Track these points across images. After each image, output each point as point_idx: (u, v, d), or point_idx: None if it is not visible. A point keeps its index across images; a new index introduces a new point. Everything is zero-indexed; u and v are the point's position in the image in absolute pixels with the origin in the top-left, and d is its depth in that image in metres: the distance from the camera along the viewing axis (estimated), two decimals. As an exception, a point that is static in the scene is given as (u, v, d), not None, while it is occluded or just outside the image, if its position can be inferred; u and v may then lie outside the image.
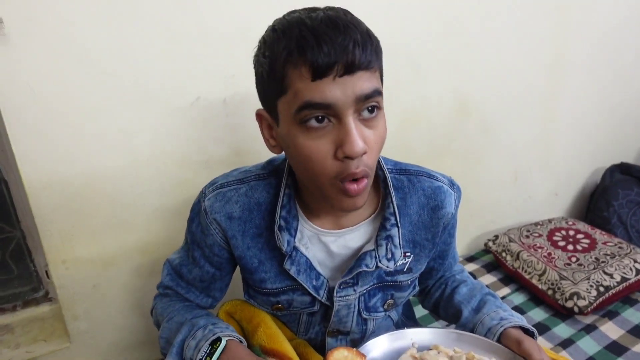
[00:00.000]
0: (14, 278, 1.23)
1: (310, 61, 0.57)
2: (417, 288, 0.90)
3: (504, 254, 1.59)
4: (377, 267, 0.76)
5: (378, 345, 0.76)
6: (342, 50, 0.57)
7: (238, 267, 0.84)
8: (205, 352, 0.70)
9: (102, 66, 0.96)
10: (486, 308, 0.84)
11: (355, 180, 0.63)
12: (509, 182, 1.78)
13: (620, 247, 1.53)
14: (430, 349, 0.76)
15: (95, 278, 1.13)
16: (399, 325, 1.00)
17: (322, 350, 0.88)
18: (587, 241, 1.59)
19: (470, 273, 1.54)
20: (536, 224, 1.74)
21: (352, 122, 0.60)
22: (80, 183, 1.03)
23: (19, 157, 0.96)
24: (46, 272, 1.21)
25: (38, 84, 0.92)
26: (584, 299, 1.32)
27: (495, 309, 0.83)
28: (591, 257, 1.50)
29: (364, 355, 0.70)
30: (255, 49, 0.66)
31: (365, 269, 0.75)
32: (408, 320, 1.06)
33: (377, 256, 0.76)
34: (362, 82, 0.59)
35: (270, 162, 0.81)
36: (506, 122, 1.64)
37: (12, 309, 1.24)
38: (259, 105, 0.71)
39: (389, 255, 0.76)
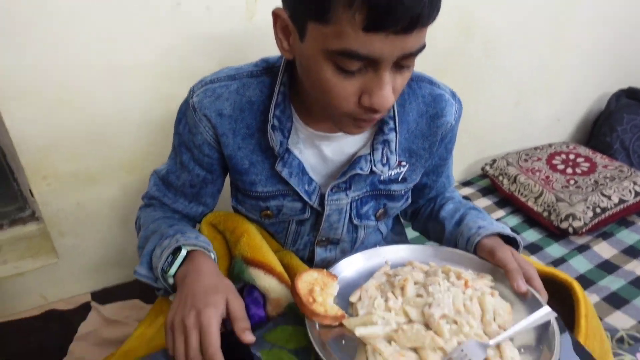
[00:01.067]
0: (-1, 197, 1.21)
1: (371, 10, 0.48)
2: (410, 200, 0.87)
3: (500, 178, 1.56)
4: (371, 171, 0.73)
5: (351, 264, 0.74)
6: (412, 7, 0.48)
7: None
8: (166, 261, 0.67)
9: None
10: (466, 219, 0.81)
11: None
12: (511, 106, 1.72)
13: (620, 171, 1.49)
14: (405, 266, 0.74)
15: (80, 195, 1.10)
16: (387, 241, 0.98)
17: (310, 263, 0.87)
18: (587, 164, 1.55)
19: (465, 197, 1.52)
20: (536, 148, 1.70)
21: (388, 74, 0.55)
22: (55, 96, 0.97)
23: (-14, 67, 0.90)
24: (30, 191, 1.19)
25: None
26: (580, 219, 1.31)
27: (474, 219, 0.80)
28: (590, 180, 1.46)
29: (334, 276, 0.68)
30: None
31: (359, 171, 0.72)
32: (399, 236, 1.04)
33: (372, 160, 0.72)
34: (414, 40, 0.53)
35: (264, 59, 0.74)
36: (511, 44, 1.55)
37: (-1, 227, 1.23)
38: (243, 16, 0.63)
39: (384, 161, 0.73)
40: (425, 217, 0.93)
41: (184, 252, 0.68)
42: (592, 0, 1.64)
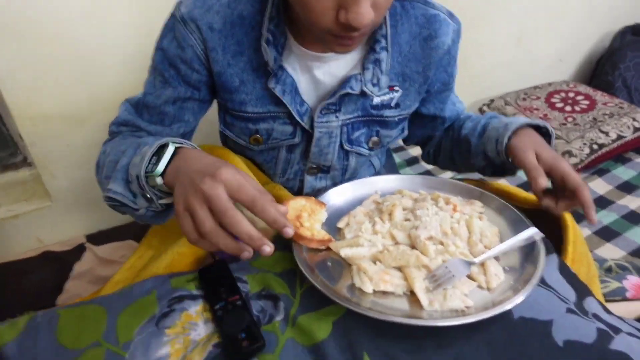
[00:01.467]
0: (-11, 143, 1.20)
1: None
2: (406, 132, 0.84)
3: (498, 118, 1.53)
4: (362, 92, 0.71)
5: (340, 193, 0.74)
6: None
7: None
8: (150, 162, 0.58)
9: None
10: (491, 124, 0.77)
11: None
12: (512, 44, 1.67)
13: (620, 107, 1.46)
14: (394, 194, 0.74)
15: (69, 136, 1.09)
16: (380, 175, 0.97)
17: (300, 193, 0.86)
18: (587, 102, 1.52)
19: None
20: (535, 87, 1.66)
21: None
22: (35, 30, 0.94)
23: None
24: (19, 135, 1.17)
25: None
26: (576, 156, 1.29)
27: (499, 120, 0.77)
28: (588, 117, 1.44)
29: (323, 204, 0.68)
30: None
31: (349, 90, 0.70)
32: (390, 172, 1.03)
33: (363, 80, 0.70)
34: None
35: None
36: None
37: (-9, 173, 1.22)
38: None
39: (375, 81, 0.71)
40: (448, 147, 0.88)
41: (171, 148, 0.59)
42: None
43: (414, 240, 0.61)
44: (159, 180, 0.57)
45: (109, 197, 0.62)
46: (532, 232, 0.62)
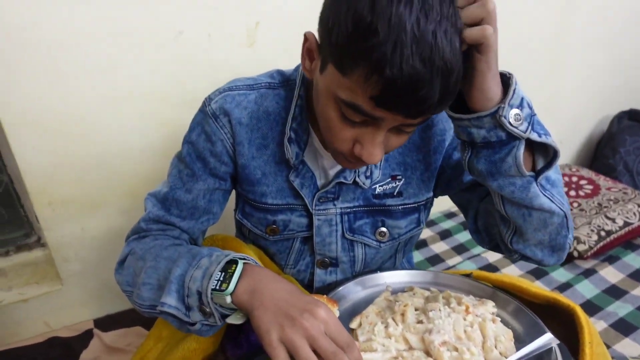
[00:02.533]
0: (5, 223, 1.22)
1: (384, 91, 0.49)
2: (422, 225, 0.83)
3: (504, 201, 1.55)
4: (354, 182, 0.73)
5: (351, 289, 0.74)
6: (421, 102, 0.50)
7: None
8: (218, 280, 0.58)
9: (76, -2, 0.91)
10: None
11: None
12: (513, 128, 1.72)
13: (624, 193, 1.49)
14: (405, 291, 0.74)
15: (83, 221, 1.11)
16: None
17: (310, 288, 0.86)
18: (591, 187, 1.55)
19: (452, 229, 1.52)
20: (539, 171, 1.69)
21: (383, 135, 0.57)
22: (58, 122, 0.99)
23: (-4, 96, 0.93)
24: (35, 217, 1.20)
25: (9, 17, 0.87)
26: (584, 243, 1.30)
27: None
28: (594, 203, 1.46)
29: (335, 302, 0.68)
30: None
31: (342, 180, 0.73)
32: (408, 265, 1.02)
33: (357, 171, 0.73)
34: (418, 119, 0.54)
35: (279, 72, 0.75)
36: (509, 67, 1.54)
37: (5, 253, 1.24)
38: (244, 42, 0.63)
39: (368, 173, 0.74)
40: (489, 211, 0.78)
41: (240, 266, 0.59)
42: (588, 23, 1.65)
43: (427, 346, 0.61)
44: (228, 299, 0.57)
45: (151, 307, 0.64)
46: (547, 338, 0.62)
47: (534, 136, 0.57)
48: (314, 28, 0.58)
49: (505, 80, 0.58)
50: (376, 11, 0.47)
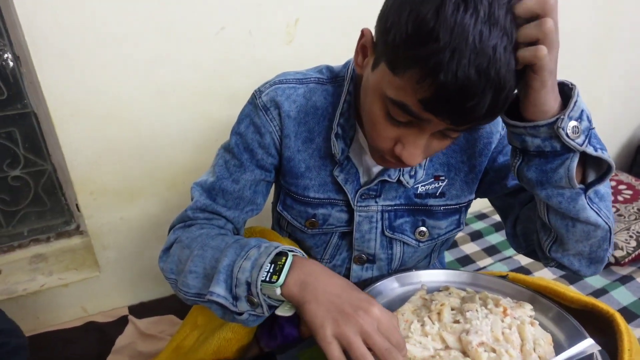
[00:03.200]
0: (47, 211, 1.27)
1: (434, 96, 0.49)
2: (462, 226, 0.83)
3: (538, 204, 1.52)
4: (398, 180, 0.73)
5: (387, 287, 0.74)
6: (469, 114, 0.50)
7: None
8: (268, 272, 0.59)
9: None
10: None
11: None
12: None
13: (665, 199, 1.44)
14: (441, 290, 0.74)
15: (123, 209, 1.15)
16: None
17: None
18: (630, 192, 1.50)
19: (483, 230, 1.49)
20: (575, 174, 1.66)
21: (426, 138, 0.57)
22: (104, 112, 1.02)
23: (45, 88, 0.96)
24: (76, 205, 1.24)
25: (62, 13, 0.91)
26: (622, 249, 1.26)
27: None
28: (633, 208, 1.42)
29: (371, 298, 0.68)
30: None
31: (386, 178, 0.73)
32: (441, 266, 1.02)
33: (401, 170, 0.73)
34: (463, 128, 0.55)
35: (328, 68, 0.76)
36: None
37: (46, 240, 1.28)
38: (283, 39, 0.64)
39: (412, 173, 0.74)
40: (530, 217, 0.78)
41: (290, 258, 0.60)
42: (631, 23, 1.61)
43: (465, 346, 0.60)
44: (278, 290, 0.58)
45: (197, 295, 0.65)
46: (588, 343, 0.61)
47: (590, 150, 0.56)
48: (352, 25, 0.58)
49: (567, 91, 0.57)
50: (440, 18, 0.47)
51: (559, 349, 0.63)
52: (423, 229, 0.80)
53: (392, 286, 0.75)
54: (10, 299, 1.12)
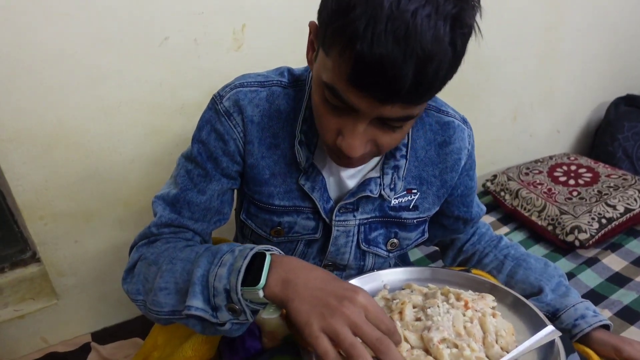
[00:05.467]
0: (0, 240, 1.21)
1: (356, 66, 0.48)
2: (426, 235, 0.84)
3: (502, 193, 1.54)
4: (380, 195, 0.73)
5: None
6: (392, 82, 0.47)
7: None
8: (247, 275, 0.56)
9: (60, 7, 0.89)
10: (571, 297, 0.80)
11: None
12: (508, 120, 1.71)
13: (624, 179, 1.47)
14: (403, 289, 0.73)
15: (77, 233, 1.10)
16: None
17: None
18: (590, 175, 1.53)
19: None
20: (536, 161, 1.68)
21: (364, 127, 0.55)
22: (48, 135, 0.98)
23: (-18, 111, 0.91)
24: (29, 232, 1.19)
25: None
26: (585, 232, 1.28)
27: (579, 300, 0.79)
28: (593, 190, 1.44)
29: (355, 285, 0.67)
30: None
31: (369, 194, 0.71)
32: (403, 264, 1.02)
33: (382, 184, 0.72)
34: (394, 110, 0.52)
35: (289, 71, 0.74)
36: (503, 56, 1.55)
37: (0, 270, 1.22)
38: (231, 46, 0.62)
39: (392, 185, 0.73)
40: (480, 258, 0.91)
41: (269, 257, 0.57)
42: (582, 8, 1.64)
43: (427, 343, 0.59)
44: (260, 293, 0.55)
45: (172, 313, 0.61)
46: (549, 330, 0.61)
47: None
48: (300, 28, 0.58)
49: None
50: None
51: (521, 337, 0.62)
52: (395, 240, 0.81)
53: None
54: (-38, 336, 1.06)
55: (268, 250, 0.60)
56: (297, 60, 0.72)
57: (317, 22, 0.57)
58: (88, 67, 0.96)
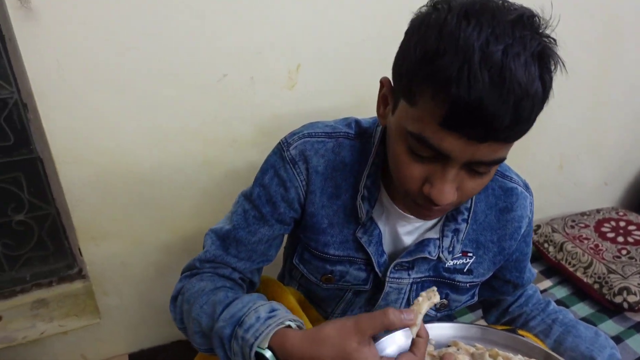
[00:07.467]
0: (50, 255, 1.26)
1: (451, 108, 0.48)
2: (476, 298, 0.83)
3: (546, 245, 1.50)
4: (438, 257, 0.72)
5: (394, 341, 0.72)
6: (491, 120, 0.47)
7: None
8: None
9: (127, 41, 0.95)
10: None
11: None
12: (554, 169, 1.68)
13: (677, 240, 1.41)
14: (449, 346, 0.71)
15: (125, 255, 1.14)
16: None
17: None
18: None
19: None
20: (582, 214, 1.63)
21: (454, 172, 0.55)
22: (107, 160, 1.03)
23: (49, 134, 0.97)
24: (79, 249, 1.23)
25: (65, 61, 0.92)
26: (635, 294, 1.22)
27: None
28: (644, 250, 1.39)
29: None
30: (419, 17, 0.54)
31: (427, 255, 0.71)
32: (447, 317, 0.99)
33: (441, 246, 0.71)
34: (488, 150, 0.52)
35: (357, 122, 0.74)
36: (550, 102, 1.52)
37: (48, 284, 1.27)
38: (285, 85, 0.64)
39: (451, 248, 0.72)
40: (527, 321, 0.88)
41: (269, 354, 0.58)
42: (633, 57, 1.61)
43: (472, 406, 0.58)
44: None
45: (208, 350, 0.65)
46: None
47: None
48: (350, 68, 0.59)
49: None
50: (443, 35, 0.48)
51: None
52: (445, 301, 0.80)
53: (399, 340, 0.72)
54: (9, 347, 1.10)
55: (281, 324, 0.59)
56: (346, 102, 0.73)
57: (391, 77, 0.59)
58: (149, 97, 1.01)
